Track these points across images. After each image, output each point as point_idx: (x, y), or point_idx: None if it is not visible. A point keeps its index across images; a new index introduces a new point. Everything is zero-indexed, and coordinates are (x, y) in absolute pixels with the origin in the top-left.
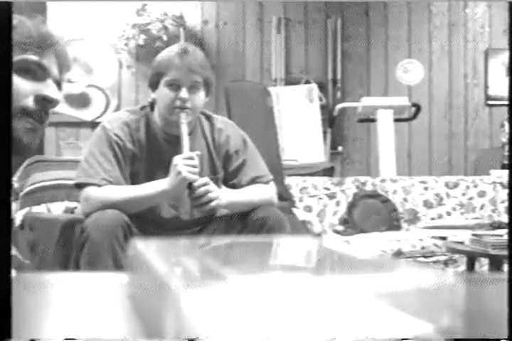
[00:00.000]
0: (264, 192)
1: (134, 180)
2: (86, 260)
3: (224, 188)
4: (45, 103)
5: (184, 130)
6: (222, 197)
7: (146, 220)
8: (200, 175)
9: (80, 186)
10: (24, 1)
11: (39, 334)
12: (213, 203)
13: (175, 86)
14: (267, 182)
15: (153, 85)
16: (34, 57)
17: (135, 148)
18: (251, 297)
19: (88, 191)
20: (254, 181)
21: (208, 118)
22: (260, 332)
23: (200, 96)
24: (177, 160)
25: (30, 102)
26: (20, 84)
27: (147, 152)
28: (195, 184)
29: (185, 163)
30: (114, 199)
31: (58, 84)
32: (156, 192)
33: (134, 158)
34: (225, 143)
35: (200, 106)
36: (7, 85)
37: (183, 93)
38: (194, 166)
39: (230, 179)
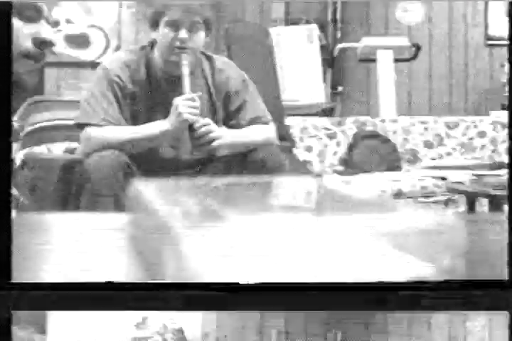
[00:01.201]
0: (264, 132)
1: (135, 120)
2: (86, 200)
3: (224, 128)
4: (42, 45)
5: (185, 71)
6: (224, 136)
7: (146, 160)
8: (200, 115)
9: (80, 126)
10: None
11: (40, 275)
12: (215, 143)
13: (174, 26)
14: (266, 123)
15: (153, 25)
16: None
17: (135, 89)
18: (251, 237)
19: (88, 131)
20: (254, 121)
21: (208, 58)
22: (259, 273)
23: (200, 37)
24: (178, 101)
25: (29, 45)
26: (20, 27)
27: (147, 92)
28: (196, 125)
29: (186, 104)
30: (115, 140)
31: (49, 22)
32: (157, 133)
33: (134, 99)
34: (225, 83)
35: (200, 46)
36: (7, 86)
37: (183, 33)
38: (195, 107)
39: (229, 119)
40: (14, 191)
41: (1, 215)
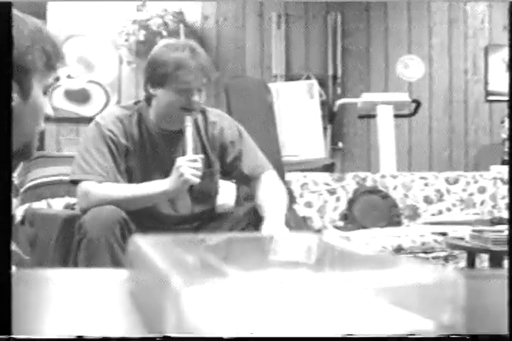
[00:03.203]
0: (278, 188)
1: (130, 175)
2: (83, 256)
3: (268, 220)
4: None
5: (189, 132)
6: (268, 227)
7: (144, 216)
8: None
9: (75, 182)
10: (24, 1)
11: (39, 330)
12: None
13: (184, 88)
14: (269, 170)
15: (157, 83)
16: (51, 80)
17: (129, 143)
18: (251, 293)
19: (86, 187)
20: (254, 170)
21: (202, 111)
22: (261, 328)
23: (204, 96)
24: (180, 161)
25: (42, 123)
26: (45, 104)
27: (141, 147)
28: (197, 186)
29: (189, 165)
30: (114, 197)
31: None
32: (156, 193)
33: (128, 153)
34: (219, 135)
35: (202, 104)
36: (7, 86)
37: (195, 97)
38: (197, 169)
39: (228, 171)
40: (14, 247)
41: (1, 270)
